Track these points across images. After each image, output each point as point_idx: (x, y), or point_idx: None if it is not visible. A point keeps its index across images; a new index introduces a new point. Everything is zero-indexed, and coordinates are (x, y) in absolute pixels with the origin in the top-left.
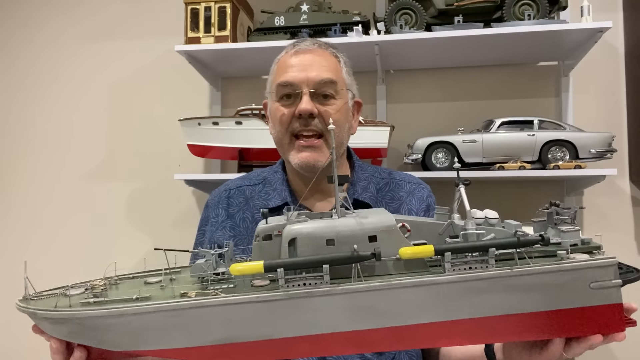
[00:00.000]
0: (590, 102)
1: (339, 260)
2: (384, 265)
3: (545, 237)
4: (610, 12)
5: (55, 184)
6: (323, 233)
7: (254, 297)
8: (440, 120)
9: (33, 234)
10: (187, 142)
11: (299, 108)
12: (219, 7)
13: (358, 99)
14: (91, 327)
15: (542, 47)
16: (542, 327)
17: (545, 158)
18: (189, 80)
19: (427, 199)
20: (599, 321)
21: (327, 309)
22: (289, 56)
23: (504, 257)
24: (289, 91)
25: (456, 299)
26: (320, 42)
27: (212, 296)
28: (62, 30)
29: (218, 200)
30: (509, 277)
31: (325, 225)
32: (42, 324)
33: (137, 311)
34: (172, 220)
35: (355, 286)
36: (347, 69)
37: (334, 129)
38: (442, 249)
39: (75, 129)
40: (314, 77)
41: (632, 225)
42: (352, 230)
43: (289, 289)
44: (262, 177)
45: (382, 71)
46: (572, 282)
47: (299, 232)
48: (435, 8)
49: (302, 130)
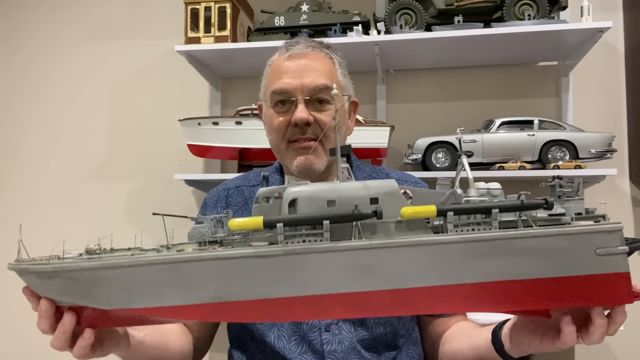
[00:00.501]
0: (590, 102)
1: (340, 217)
2: (385, 227)
3: (549, 200)
4: (610, 12)
5: (55, 183)
6: (324, 194)
7: (251, 252)
8: (440, 120)
9: (33, 234)
10: (187, 142)
11: (295, 117)
12: (219, 7)
13: (354, 98)
14: (83, 281)
15: (542, 47)
16: (546, 295)
17: (545, 158)
18: (189, 80)
19: None
20: (606, 291)
21: (326, 267)
22: (282, 60)
23: (507, 226)
24: (283, 98)
25: (457, 261)
26: (314, 44)
27: (208, 251)
28: (61, 29)
29: (217, 199)
30: (513, 239)
31: (327, 187)
32: (32, 281)
33: (132, 263)
34: (172, 220)
35: (355, 243)
36: (342, 69)
37: (337, 93)
38: (445, 209)
39: (75, 128)
40: (308, 83)
41: (632, 225)
42: (353, 191)
43: (287, 245)
44: (262, 178)
45: (382, 71)
46: (577, 247)
47: (299, 193)
48: (435, 8)
49: (298, 138)
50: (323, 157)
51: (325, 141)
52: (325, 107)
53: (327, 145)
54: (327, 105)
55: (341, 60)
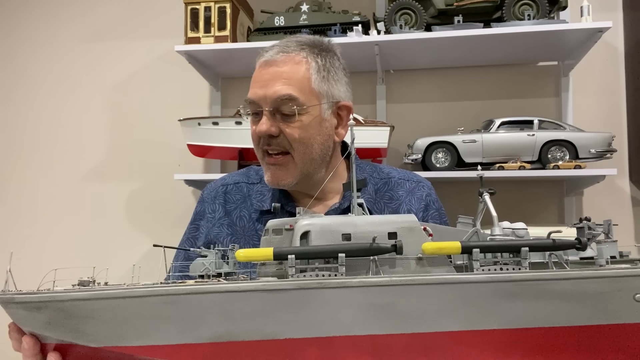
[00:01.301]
0: (590, 102)
1: (357, 250)
2: (405, 264)
3: (582, 240)
4: (610, 12)
5: (55, 183)
6: (339, 227)
7: (259, 285)
8: (440, 120)
9: (33, 234)
10: (187, 142)
11: (258, 129)
12: (218, 7)
13: (345, 102)
14: (73, 314)
15: (542, 47)
16: (584, 344)
17: (545, 158)
18: (189, 80)
19: (425, 197)
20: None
21: (340, 305)
22: (258, 67)
23: (536, 267)
24: (254, 109)
25: (485, 303)
26: (290, 46)
27: (211, 283)
28: (61, 29)
29: (215, 195)
30: (546, 280)
31: (342, 221)
32: (18, 314)
33: (127, 294)
34: (172, 220)
35: (374, 279)
36: (323, 73)
37: (354, 124)
38: (470, 246)
39: (75, 129)
40: (271, 94)
41: (632, 225)
42: (371, 226)
43: (298, 279)
44: (260, 177)
45: (382, 71)
46: (615, 292)
47: (312, 225)
48: (435, 8)
49: (267, 148)
50: (293, 171)
51: (295, 154)
52: (292, 119)
53: (297, 158)
54: (293, 117)
55: (324, 63)
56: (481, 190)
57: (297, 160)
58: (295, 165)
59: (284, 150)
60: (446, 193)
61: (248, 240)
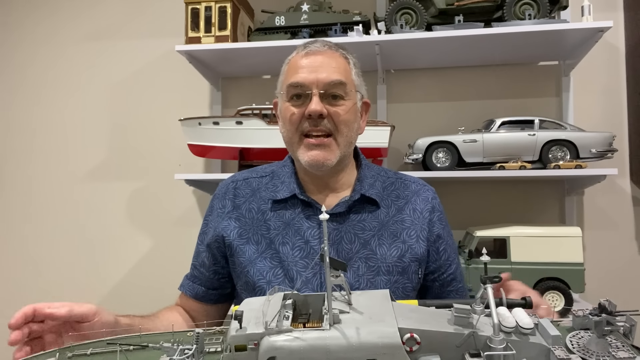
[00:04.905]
0: (591, 101)
1: None
2: None
3: None
4: (610, 11)
5: (56, 184)
6: (310, 353)
7: None
8: (440, 120)
9: (32, 234)
10: (187, 142)
11: (309, 109)
12: (219, 7)
13: (366, 99)
14: None
15: (542, 46)
16: None
17: (545, 158)
18: (190, 80)
19: (432, 200)
20: None
21: None
22: (299, 57)
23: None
24: (299, 92)
25: None
26: (331, 44)
27: None
28: (61, 29)
29: (225, 191)
30: None
31: (314, 344)
32: None
33: None
34: (173, 220)
35: None
36: (356, 70)
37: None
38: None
39: (75, 129)
40: (323, 78)
41: (633, 225)
42: (346, 352)
43: None
44: (270, 170)
45: (382, 71)
46: None
47: (280, 349)
48: (435, 8)
49: (311, 130)
50: (336, 151)
51: (338, 136)
52: (339, 102)
53: (339, 140)
54: (341, 100)
55: (355, 61)
56: (483, 278)
57: (340, 141)
58: (338, 146)
59: (328, 132)
60: (446, 193)
61: (256, 231)
